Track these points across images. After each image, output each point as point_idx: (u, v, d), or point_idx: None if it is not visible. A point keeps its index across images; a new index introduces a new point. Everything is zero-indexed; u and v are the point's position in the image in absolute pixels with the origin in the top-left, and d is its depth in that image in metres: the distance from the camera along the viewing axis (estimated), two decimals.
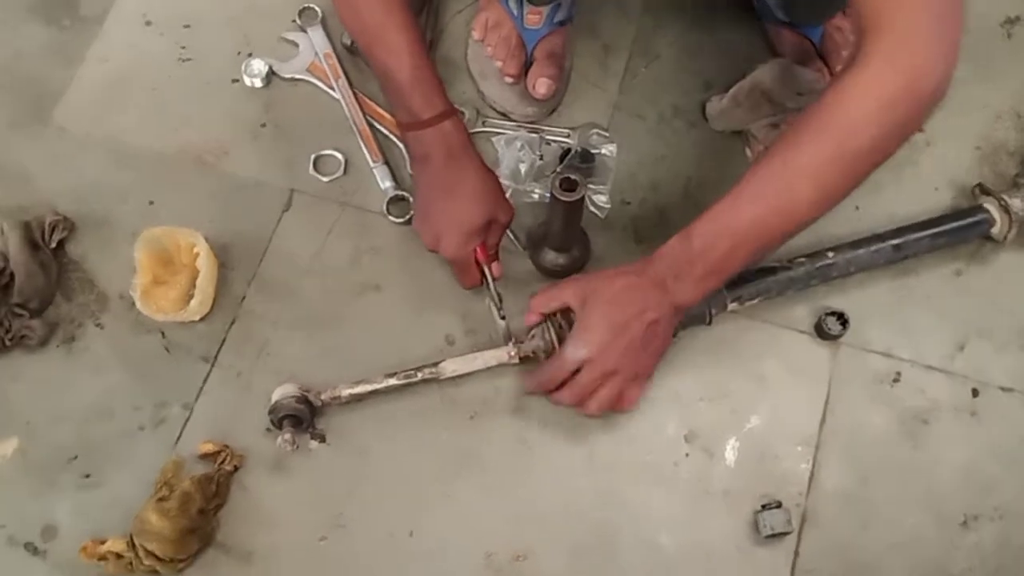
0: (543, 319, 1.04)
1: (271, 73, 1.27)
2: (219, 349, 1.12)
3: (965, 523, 1.05)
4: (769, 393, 1.11)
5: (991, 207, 1.15)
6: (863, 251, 1.12)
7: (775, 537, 1.03)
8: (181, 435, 1.08)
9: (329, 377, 1.08)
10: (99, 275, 1.16)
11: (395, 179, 1.21)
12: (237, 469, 1.05)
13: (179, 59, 1.30)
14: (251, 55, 1.28)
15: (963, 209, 1.17)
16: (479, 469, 1.07)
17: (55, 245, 1.15)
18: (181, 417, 1.08)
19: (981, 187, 1.18)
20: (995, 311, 1.15)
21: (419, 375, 1.06)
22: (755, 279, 1.10)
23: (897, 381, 1.12)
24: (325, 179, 1.21)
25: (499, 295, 1.09)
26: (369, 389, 1.06)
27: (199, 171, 1.22)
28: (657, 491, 1.07)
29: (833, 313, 1.12)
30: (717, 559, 1.04)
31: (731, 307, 1.10)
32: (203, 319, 1.13)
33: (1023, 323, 1.15)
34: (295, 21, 1.30)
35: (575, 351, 0.98)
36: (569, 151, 1.21)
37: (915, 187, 1.22)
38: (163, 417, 1.08)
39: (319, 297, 1.15)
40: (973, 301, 1.16)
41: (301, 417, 1.03)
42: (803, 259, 1.11)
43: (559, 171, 1.08)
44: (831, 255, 1.11)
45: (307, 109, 1.26)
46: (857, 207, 1.19)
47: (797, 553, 1.04)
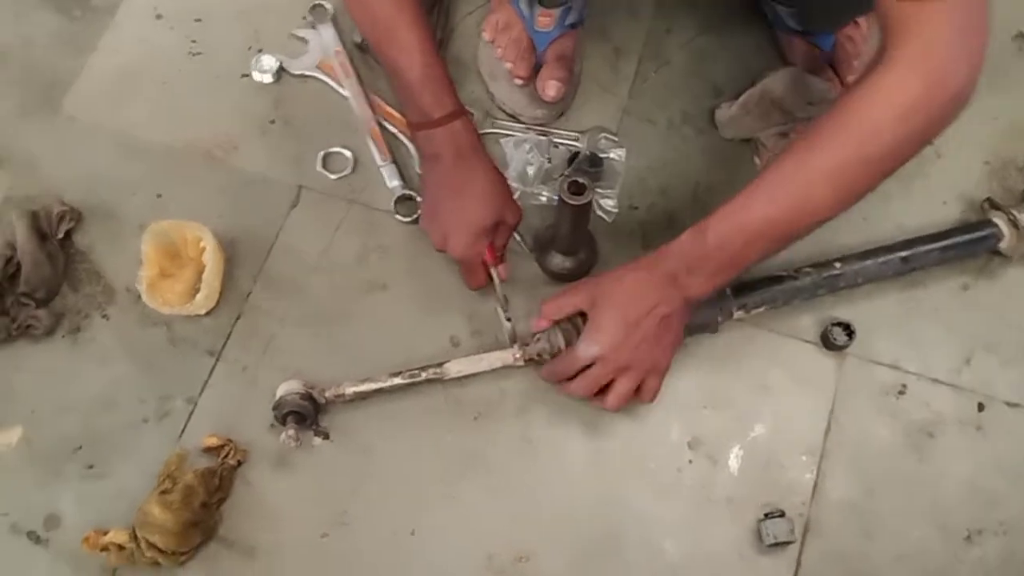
0: (553, 325, 1.04)
1: (281, 69, 1.27)
2: (224, 343, 1.12)
3: (969, 537, 1.05)
4: (774, 402, 1.11)
5: (1000, 222, 1.15)
6: (871, 262, 1.12)
7: (778, 546, 1.03)
8: (185, 428, 1.07)
9: (334, 374, 1.07)
10: (106, 266, 1.15)
11: (403, 178, 1.21)
12: (240, 464, 1.05)
13: (189, 53, 1.29)
14: (261, 51, 1.28)
15: (972, 223, 1.18)
16: (483, 470, 1.07)
17: (62, 235, 1.15)
18: (185, 410, 1.08)
19: (990, 201, 1.18)
20: (1002, 326, 1.15)
21: (424, 375, 1.06)
22: (762, 288, 1.10)
23: (903, 393, 1.12)
24: (333, 176, 1.21)
25: (505, 297, 1.09)
26: (373, 388, 1.06)
27: (207, 165, 1.22)
28: (660, 497, 1.07)
29: (839, 324, 1.12)
30: (719, 567, 1.04)
31: (737, 315, 1.10)
32: (209, 313, 1.13)
33: None
34: (306, 18, 1.30)
35: (587, 349, 0.98)
36: (577, 154, 1.21)
37: (924, 199, 1.22)
38: (167, 410, 1.08)
39: (325, 294, 1.15)
40: (980, 315, 1.16)
41: (305, 414, 1.03)
42: (810, 269, 1.11)
43: (567, 174, 1.08)
44: (838, 265, 1.11)
45: (316, 106, 1.26)
46: (865, 218, 1.19)
47: (799, 563, 1.04)
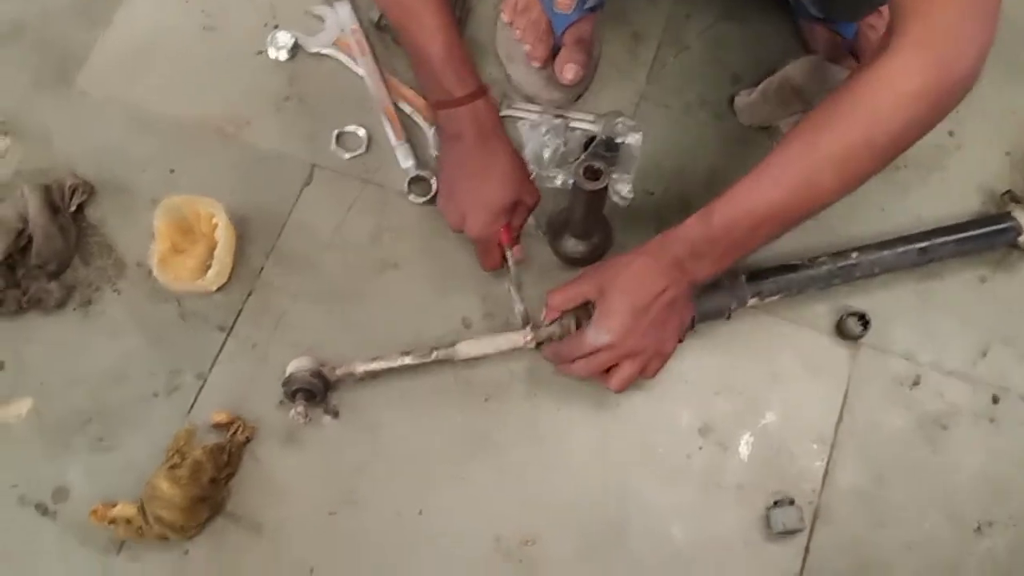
0: (561, 316, 1.03)
1: (296, 46, 1.26)
2: (235, 320, 1.11)
3: (979, 529, 1.05)
4: (786, 390, 1.11)
5: (1020, 215, 1.14)
6: (888, 253, 1.11)
7: (787, 534, 1.03)
8: (195, 403, 1.07)
9: (344, 352, 1.07)
10: (117, 241, 1.15)
11: (417, 158, 1.20)
12: (249, 440, 1.05)
13: (204, 28, 1.29)
14: (277, 27, 1.27)
15: (991, 216, 1.17)
16: (491, 452, 1.07)
17: (74, 209, 1.14)
18: (195, 386, 1.08)
19: (1011, 194, 1.17)
20: (1019, 319, 1.14)
21: (434, 355, 1.05)
22: (777, 276, 1.09)
23: (917, 384, 1.11)
24: (347, 155, 1.21)
25: (519, 279, 1.08)
26: (384, 367, 1.05)
27: (221, 141, 1.21)
28: (669, 483, 1.06)
29: (855, 314, 1.11)
30: (727, 553, 1.03)
31: (751, 303, 1.09)
32: (220, 289, 1.12)
33: None
34: None
35: (597, 336, 0.98)
36: (594, 138, 1.20)
37: (943, 190, 1.21)
38: (177, 385, 1.08)
39: (338, 272, 1.15)
40: (997, 308, 1.15)
41: (315, 391, 1.03)
42: (826, 258, 1.10)
43: (583, 159, 1.07)
44: (855, 255, 1.10)
45: (331, 84, 1.25)
46: (883, 208, 1.19)
47: (808, 550, 1.03)
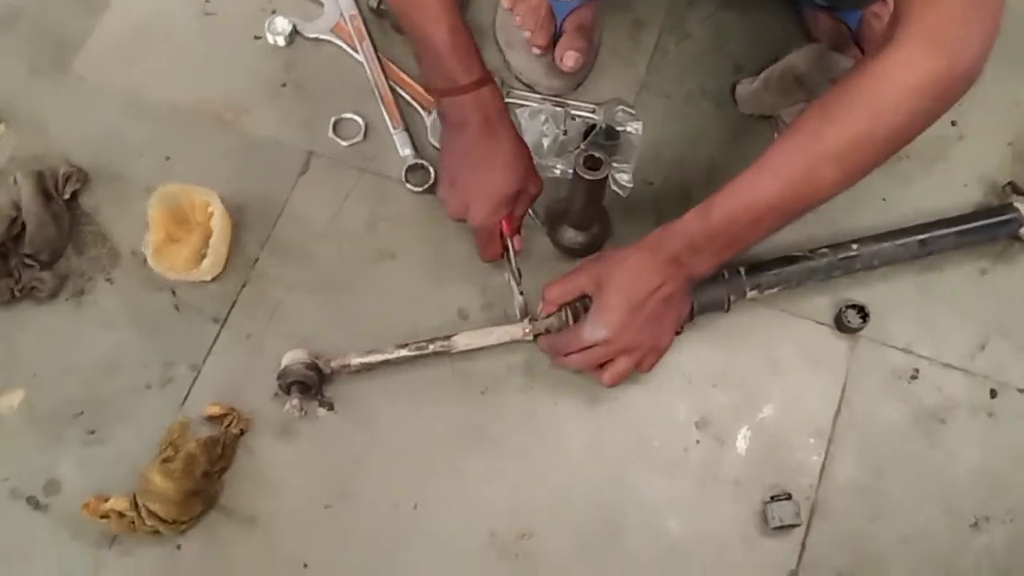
0: (559, 310, 1.03)
1: (295, 32, 1.25)
2: (230, 310, 1.11)
3: (976, 524, 1.04)
4: (784, 383, 1.10)
5: (1022, 207, 1.13)
6: (888, 245, 1.10)
7: (783, 529, 1.02)
8: (188, 395, 1.06)
9: (340, 343, 1.06)
10: (112, 229, 1.14)
11: (415, 147, 1.19)
12: (243, 433, 1.04)
13: (202, 13, 1.27)
14: (275, 12, 1.25)
15: (992, 207, 1.15)
16: (488, 445, 1.06)
17: (68, 196, 1.13)
18: (189, 377, 1.07)
19: (1012, 186, 1.16)
20: (1019, 312, 1.13)
21: (431, 347, 1.05)
22: (776, 268, 1.08)
23: (915, 378, 1.10)
24: (344, 143, 1.19)
25: (519, 270, 1.07)
26: (380, 359, 1.05)
27: (217, 128, 1.20)
28: (665, 477, 1.05)
29: (854, 306, 1.11)
30: (723, 547, 1.03)
31: (750, 295, 1.08)
32: (215, 279, 1.11)
33: None
34: None
35: (593, 331, 0.97)
36: (594, 127, 1.19)
37: (945, 181, 1.20)
38: (171, 376, 1.07)
39: (334, 263, 1.14)
40: (997, 301, 1.14)
41: (310, 384, 1.02)
42: (826, 250, 1.09)
43: (583, 148, 1.06)
44: (855, 247, 1.09)
45: (329, 71, 1.24)
46: (884, 198, 1.18)
47: (804, 545, 1.03)
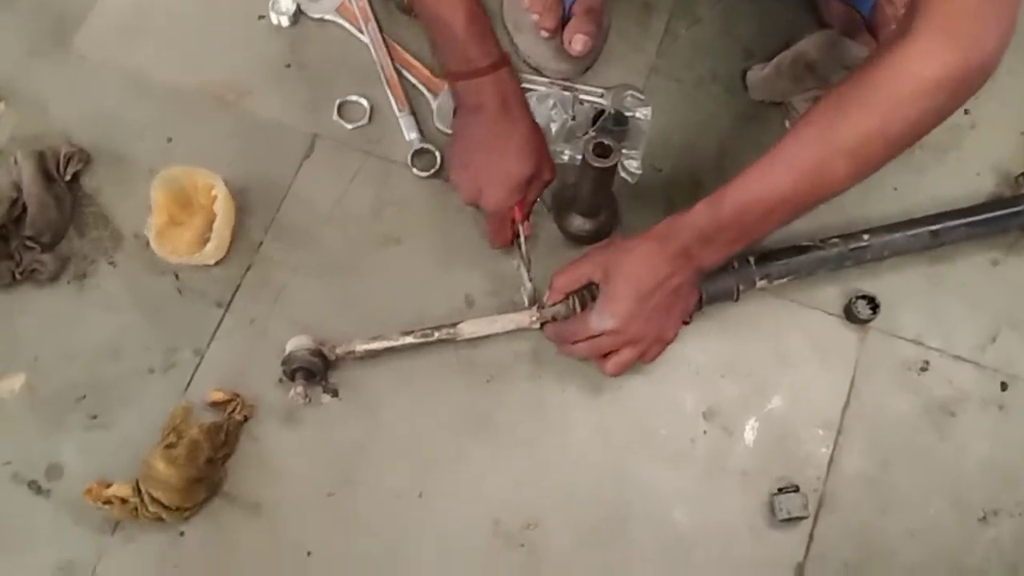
0: (566, 298, 1.02)
1: (299, 12, 1.23)
2: (233, 294, 1.09)
3: (985, 518, 1.04)
4: (793, 374, 1.09)
5: None
6: (899, 235, 1.09)
7: (791, 521, 1.02)
8: (191, 381, 1.05)
9: (345, 328, 1.05)
10: (114, 211, 1.12)
11: (421, 131, 1.18)
12: (247, 419, 1.03)
13: None
14: None
15: (1005, 198, 1.14)
16: (493, 434, 1.05)
17: (70, 178, 1.11)
18: (192, 362, 1.06)
19: None
20: None
21: (436, 335, 1.04)
22: (786, 257, 1.07)
23: (925, 370, 1.09)
24: (349, 126, 1.18)
25: (529, 256, 1.06)
26: (385, 346, 1.04)
27: (220, 109, 1.18)
28: (672, 468, 1.05)
29: (864, 297, 1.09)
30: (730, 539, 1.02)
31: (760, 284, 1.07)
32: (218, 263, 1.10)
33: None
34: None
35: (600, 321, 0.96)
36: (602, 112, 1.17)
37: (957, 171, 1.18)
38: (174, 361, 1.06)
39: (338, 247, 1.12)
40: (1008, 292, 1.13)
41: (314, 370, 1.01)
42: (837, 239, 1.08)
43: (592, 134, 1.04)
44: (866, 237, 1.08)
45: (334, 52, 1.22)
46: (896, 188, 1.16)
47: (812, 537, 1.02)
